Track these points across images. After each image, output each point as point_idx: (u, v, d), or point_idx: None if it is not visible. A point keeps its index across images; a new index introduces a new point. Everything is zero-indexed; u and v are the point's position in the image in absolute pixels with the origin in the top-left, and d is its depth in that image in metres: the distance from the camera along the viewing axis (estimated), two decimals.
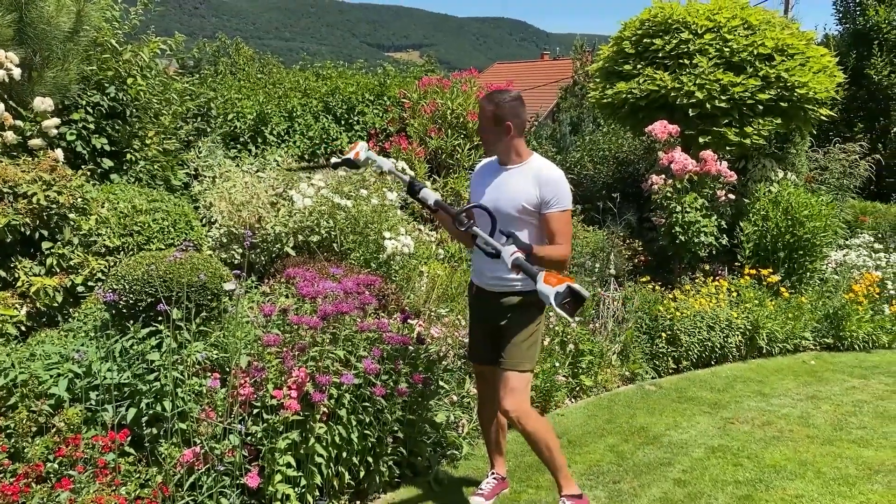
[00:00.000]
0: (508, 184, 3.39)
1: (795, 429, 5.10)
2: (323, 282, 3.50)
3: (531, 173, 3.35)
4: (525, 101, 3.58)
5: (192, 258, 3.35)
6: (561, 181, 3.34)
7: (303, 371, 3.23)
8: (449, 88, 8.12)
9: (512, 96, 3.41)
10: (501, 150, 3.41)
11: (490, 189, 3.44)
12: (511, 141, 3.38)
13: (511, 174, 3.40)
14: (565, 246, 3.33)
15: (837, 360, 7.05)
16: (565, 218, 3.34)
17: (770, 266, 7.24)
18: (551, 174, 3.34)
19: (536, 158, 3.45)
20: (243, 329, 3.37)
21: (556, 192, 3.30)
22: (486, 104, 3.39)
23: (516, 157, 3.42)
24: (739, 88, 7.03)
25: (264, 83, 8.83)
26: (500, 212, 3.32)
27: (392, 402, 3.76)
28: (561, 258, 3.30)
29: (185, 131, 6.51)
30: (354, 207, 5.84)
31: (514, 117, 3.35)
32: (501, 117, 3.34)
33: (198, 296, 3.27)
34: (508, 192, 3.36)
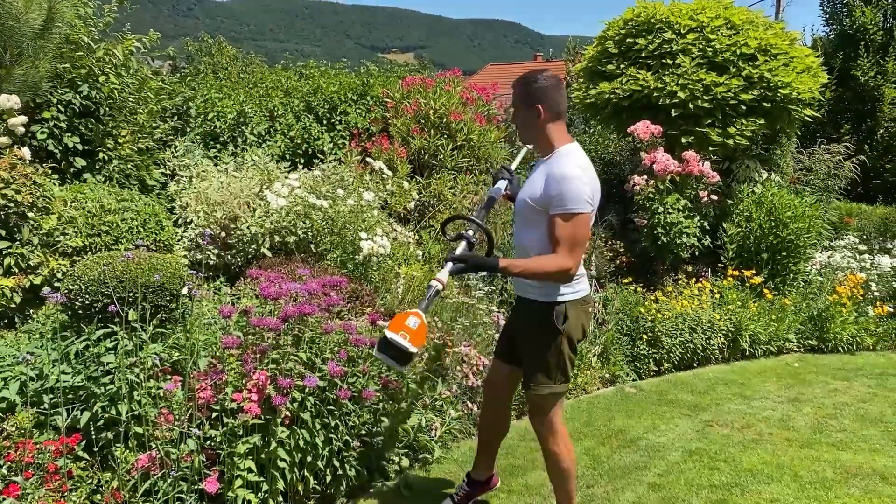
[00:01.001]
0: (532, 178, 3.06)
1: (775, 432, 5.05)
2: (287, 283, 3.42)
3: (550, 165, 2.97)
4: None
5: (152, 258, 3.27)
6: (569, 178, 2.86)
7: (263, 374, 3.16)
8: (432, 88, 8.05)
9: (546, 76, 3.01)
10: (535, 138, 3.04)
11: (524, 187, 3.13)
12: (543, 127, 2.99)
13: (540, 166, 3.05)
14: (560, 257, 2.87)
15: (821, 362, 7.00)
16: (568, 223, 2.86)
17: (753, 267, 7.19)
18: (562, 168, 2.89)
19: (567, 149, 3.00)
20: (204, 331, 3.29)
21: (560, 190, 2.85)
22: (517, 85, 3.04)
23: (548, 146, 3.03)
24: (722, 88, 6.99)
25: (246, 82, 8.75)
26: (520, 209, 3.10)
27: (360, 406, 3.70)
28: (549, 272, 2.90)
29: (162, 130, 6.43)
30: (332, 208, 5.77)
31: (547, 99, 2.97)
32: (531, 99, 2.97)
33: (156, 297, 3.19)
34: (527, 188, 3.05)
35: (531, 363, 3.13)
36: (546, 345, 3.06)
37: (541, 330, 3.06)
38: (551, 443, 3.18)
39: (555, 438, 3.17)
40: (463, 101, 8.08)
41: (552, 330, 3.04)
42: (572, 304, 3.06)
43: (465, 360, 4.68)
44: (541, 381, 3.10)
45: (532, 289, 3.09)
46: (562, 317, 3.03)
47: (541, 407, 3.17)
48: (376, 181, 6.34)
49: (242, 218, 5.84)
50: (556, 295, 3.04)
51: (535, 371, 3.10)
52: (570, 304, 3.05)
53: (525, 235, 3.10)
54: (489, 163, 7.96)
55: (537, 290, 3.06)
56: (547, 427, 3.17)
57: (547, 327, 3.04)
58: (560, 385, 3.12)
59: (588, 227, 2.96)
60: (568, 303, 3.04)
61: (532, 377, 3.12)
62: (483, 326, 5.06)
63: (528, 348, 3.15)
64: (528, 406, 3.26)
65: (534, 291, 3.08)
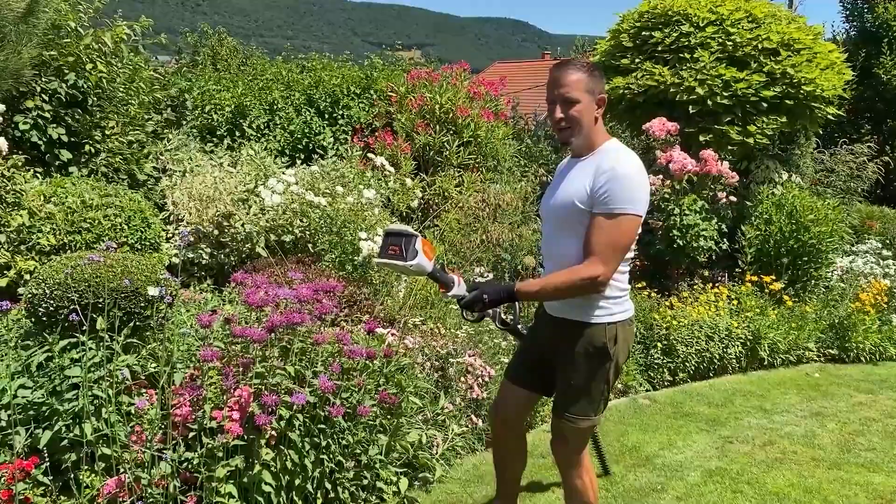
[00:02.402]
0: (570, 178, 2.69)
1: (799, 450, 4.72)
2: (276, 288, 3.11)
3: (596, 161, 2.61)
4: (524, 100, 3.09)
5: (125, 260, 2.97)
6: (622, 175, 2.51)
7: (246, 390, 2.85)
8: (438, 82, 7.74)
9: (593, 62, 2.70)
10: (584, 135, 2.64)
11: (557, 187, 2.75)
12: (598, 122, 2.67)
13: (580, 167, 2.68)
14: (590, 265, 2.53)
15: (843, 372, 6.67)
16: (611, 225, 2.50)
17: (773, 273, 6.86)
18: (614, 163, 2.54)
19: (616, 145, 2.69)
20: (184, 341, 2.99)
21: (609, 186, 2.49)
22: (572, 72, 2.59)
23: (591, 143, 2.67)
24: (743, 84, 6.65)
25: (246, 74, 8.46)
26: (556, 216, 2.73)
27: (354, 423, 3.39)
28: (574, 284, 2.55)
29: (155, 122, 6.13)
30: (330, 206, 5.46)
31: (604, 90, 2.66)
32: (598, 88, 2.62)
33: (128, 302, 2.89)
34: (566, 188, 2.67)
35: (572, 392, 2.74)
36: (593, 372, 2.70)
37: (589, 355, 2.69)
38: (575, 476, 2.85)
39: (579, 471, 2.85)
40: (470, 95, 7.77)
41: (603, 355, 2.68)
42: (622, 324, 2.71)
43: (469, 371, 4.38)
44: (582, 413, 2.74)
45: (576, 308, 2.69)
46: (613, 340, 2.67)
47: (573, 439, 2.82)
48: (378, 178, 6.03)
49: (236, 215, 5.54)
50: (606, 315, 2.67)
51: (577, 400, 2.74)
52: (620, 325, 2.70)
53: (562, 244, 2.70)
54: (497, 160, 7.65)
55: (582, 308, 2.67)
56: (575, 460, 2.85)
57: (597, 352, 2.68)
58: (600, 415, 2.80)
59: (634, 235, 2.59)
60: (619, 324, 2.69)
61: (571, 407, 2.75)
62: (489, 334, 4.75)
63: (569, 375, 2.74)
64: (553, 433, 2.88)
65: (579, 311, 2.69)
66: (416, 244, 2.60)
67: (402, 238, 2.60)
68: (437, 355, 4.33)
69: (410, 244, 2.60)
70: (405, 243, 2.59)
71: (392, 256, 2.60)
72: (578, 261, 2.59)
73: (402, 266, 2.59)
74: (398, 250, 2.59)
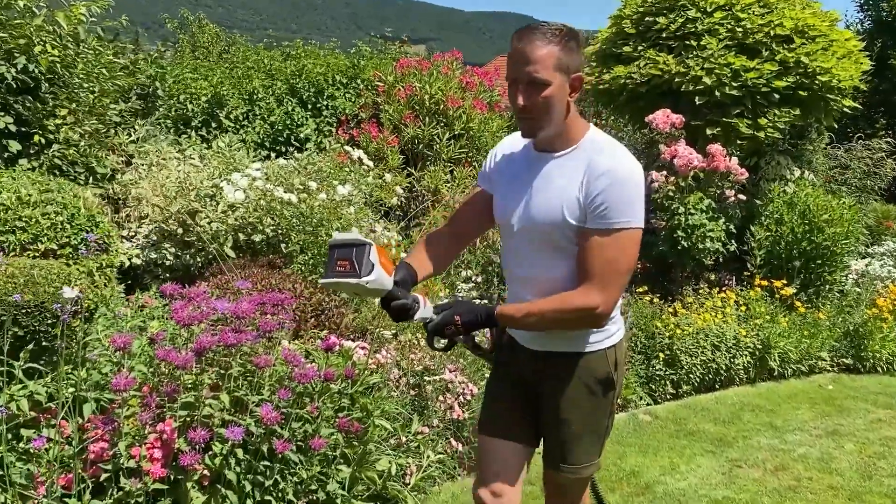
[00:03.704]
0: (550, 182, 2.08)
1: (815, 476, 4.27)
2: (214, 301, 2.66)
3: (584, 160, 2.04)
4: None
5: (34, 267, 2.52)
6: (626, 180, 1.98)
7: (168, 424, 2.41)
8: (428, 71, 7.28)
9: (568, 29, 2.01)
10: (556, 125, 2.04)
11: (526, 194, 2.13)
12: (572, 106, 2.07)
13: (558, 166, 2.09)
14: (586, 292, 1.99)
15: (858, 384, 6.21)
16: (610, 243, 1.97)
17: (784, 276, 6.39)
18: (613, 164, 1.99)
19: (602, 136, 2.11)
20: (94, 365, 2.54)
21: (611, 195, 1.96)
22: (540, 43, 1.95)
23: (570, 135, 2.08)
24: (753, 74, 6.17)
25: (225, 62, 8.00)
26: (534, 232, 2.11)
27: (309, 455, 2.95)
28: (566, 316, 2.03)
29: (119, 111, 5.67)
30: (304, 203, 5.02)
31: (581, 66, 2.05)
32: (574, 63, 2.00)
33: (31, 319, 2.44)
34: (548, 196, 2.06)
35: (572, 437, 2.20)
36: (596, 409, 2.19)
37: (591, 392, 2.17)
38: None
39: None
40: (462, 85, 7.30)
41: (606, 386, 2.18)
42: (620, 344, 2.24)
43: (448, 389, 3.93)
44: (586, 459, 2.22)
45: (564, 339, 2.16)
46: (615, 365, 2.20)
47: (574, 490, 2.31)
48: (358, 173, 5.58)
49: (202, 213, 5.10)
50: (605, 338, 2.18)
51: (584, 446, 2.20)
52: (619, 345, 2.23)
53: (548, 267, 2.12)
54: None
55: (574, 339, 2.16)
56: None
57: (600, 385, 2.18)
58: (601, 455, 2.28)
59: (637, 251, 2.05)
60: (618, 345, 2.22)
61: (571, 455, 2.21)
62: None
63: (567, 420, 2.19)
64: (547, 488, 2.36)
65: (569, 342, 2.17)
66: (369, 254, 1.97)
67: (351, 249, 1.97)
68: (412, 371, 3.89)
69: (363, 255, 1.97)
70: (356, 255, 1.96)
71: (341, 274, 1.97)
72: (573, 284, 2.04)
73: (355, 284, 1.96)
74: (348, 265, 1.96)
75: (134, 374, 2.48)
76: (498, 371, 2.40)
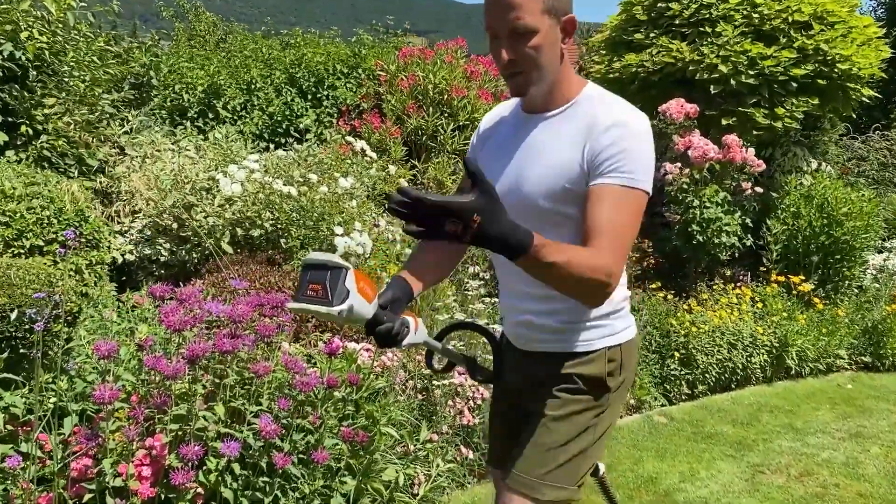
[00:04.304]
0: (545, 148, 1.75)
1: (842, 482, 4.07)
2: (208, 303, 2.45)
3: (582, 117, 1.71)
4: None
5: (10, 268, 2.30)
6: (641, 133, 1.67)
7: (158, 439, 2.19)
8: (432, 59, 7.04)
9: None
10: (548, 80, 1.72)
11: (514, 162, 1.80)
12: (566, 57, 1.75)
13: (552, 127, 1.76)
14: (606, 254, 1.57)
15: (878, 383, 6.01)
16: (627, 202, 1.62)
17: (800, 272, 6.18)
18: (625, 115, 1.68)
19: (594, 90, 1.78)
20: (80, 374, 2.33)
21: (629, 146, 1.64)
22: None
23: (564, 91, 1.76)
24: (770, 62, 5.94)
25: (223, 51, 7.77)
26: (527, 209, 1.73)
27: (311, 468, 2.74)
28: (586, 275, 1.53)
29: (111, 101, 5.44)
30: (304, 196, 4.79)
31: (571, 7, 1.72)
32: (556, 7, 1.67)
33: (6, 325, 2.23)
34: (542, 163, 1.74)
35: (539, 436, 1.80)
36: (576, 409, 1.80)
37: (573, 385, 1.80)
38: None
39: None
40: (467, 74, 7.07)
41: (594, 385, 1.80)
42: (629, 346, 1.87)
43: (458, 393, 3.72)
44: (549, 478, 1.76)
45: (558, 334, 1.81)
46: (618, 369, 1.83)
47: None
48: (360, 165, 5.36)
49: (198, 207, 4.88)
50: (607, 334, 1.82)
51: (545, 454, 1.77)
52: (626, 346, 1.86)
53: None
54: None
55: (569, 333, 1.81)
56: None
57: (587, 382, 1.80)
58: (577, 484, 1.81)
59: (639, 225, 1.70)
60: (625, 345, 1.85)
61: (530, 461, 1.78)
62: (483, 347, 4.08)
63: (538, 409, 1.82)
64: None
65: (563, 337, 1.81)
66: (345, 280, 1.58)
67: (326, 272, 1.58)
68: (420, 374, 3.68)
69: (338, 280, 1.58)
70: (331, 279, 1.58)
71: (312, 299, 1.59)
72: None
73: (325, 313, 1.58)
74: (320, 290, 1.58)
75: (120, 384, 2.27)
76: (495, 389, 2.10)
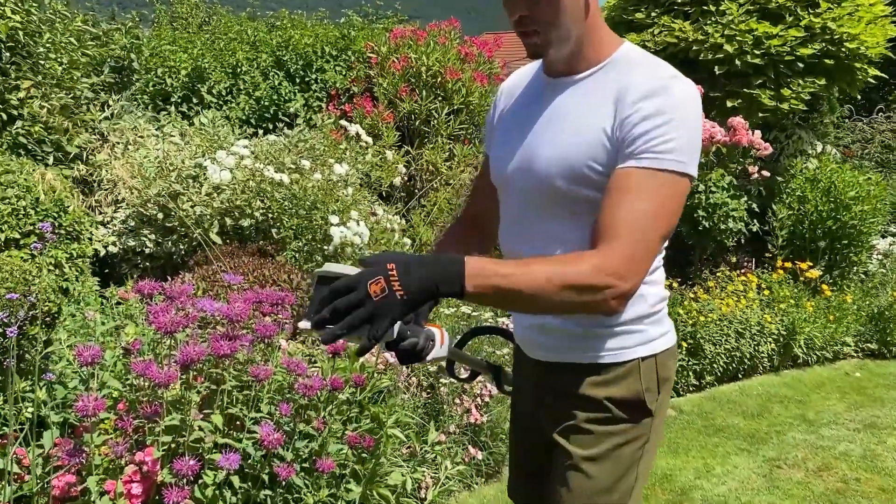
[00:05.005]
0: (567, 116, 1.44)
1: (863, 476, 3.92)
2: (202, 301, 2.23)
3: (614, 83, 1.40)
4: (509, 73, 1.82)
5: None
6: (686, 101, 1.35)
7: (149, 453, 1.97)
8: (424, 41, 6.80)
9: None
10: (571, 39, 1.41)
11: (530, 135, 1.48)
12: (592, 10, 1.43)
13: (578, 92, 1.45)
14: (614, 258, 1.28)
15: (885, 370, 5.88)
16: (656, 192, 1.31)
17: (807, 258, 6.02)
18: (665, 80, 1.37)
19: (632, 51, 1.47)
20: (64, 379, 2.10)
21: (663, 119, 1.31)
22: None
23: (593, 50, 1.44)
24: (777, 41, 5.75)
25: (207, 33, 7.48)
26: (542, 190, 1.45)
27: (315, 477, 2.53)
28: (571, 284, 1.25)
29: (91, 85, 5.17)
30: (297, 184, 4.56)
31: None
32: None
33: None
34: (563, 135, 1.42)
35: (579, 491, 1.48)
36: (615, 442, 1.48)
37: (609, 420, 1.48)
38: None
39: None
40: (461, 56, 6.83)
41: (634, 409, 1.49)
42: (667, 355, 1.54)
43: (465, 390, 3.52)
44: None
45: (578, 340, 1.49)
46: (655, 386, 1.51)
47: None
48: (355, 151, 5.12)
49: (184, 195, 4.63)
50: (639, 343, 1.49)
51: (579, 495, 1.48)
52: (663, 356, 1.52)
53: (564, 243, 1.45)
54: None
55: (593, 338, 1.48)
56: None
57: (623, 407, 1.48)
58: None
59: (679, 215, 1.38)
60: (660, 355, 1.52)
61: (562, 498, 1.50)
62: (489, 342, 3.88)
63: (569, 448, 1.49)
64: None
65: (584, 344, 1.49)
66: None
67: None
68: (425, 371, 3.47)
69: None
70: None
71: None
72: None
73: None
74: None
75: (106, 392, 2.04)
76: (513, 410, 1.78)
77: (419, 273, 1.17)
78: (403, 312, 1.17)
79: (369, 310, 1.14)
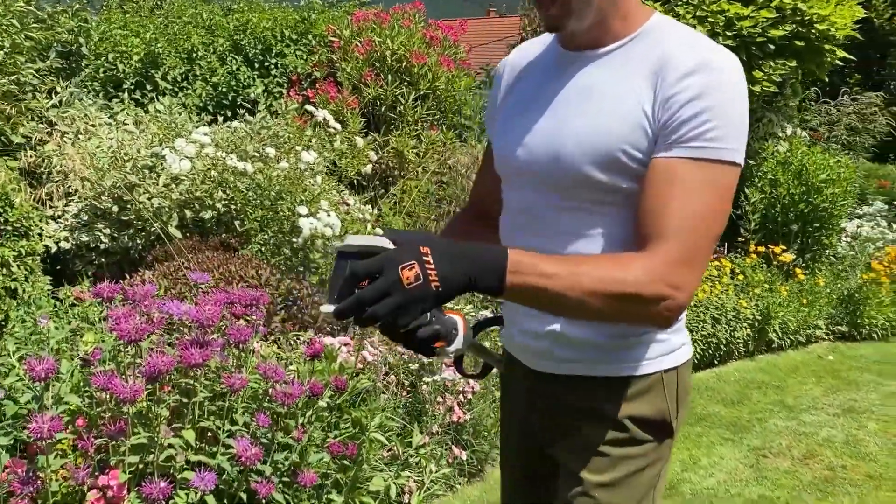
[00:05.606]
0: (594, 93, 1.23)
1: (848, 463, 3.88)
2: (169, 304, 2.02)
3: (650, 55, 1.19)
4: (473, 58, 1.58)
5: None
6: (732, 82, 1.15)
7: (114, 476, 1.77)
8: (388, 24, 6.58)
9: None
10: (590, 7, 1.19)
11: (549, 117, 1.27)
12: None
13: (605, 67, 1.24)
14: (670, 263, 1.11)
15: (857, 352, 5.90)
16: (711, 186, 1.13)
17: (779, 241, 5.99)
18: (707, 54, 1.16)
19: (666, 22, 1.25)
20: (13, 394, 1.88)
21: (708, 105, 1.12)
22: None
23: (620, 20, 1.23)
24: (748, 22, 5.67)
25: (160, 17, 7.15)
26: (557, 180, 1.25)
27: (294, 490, 2.35)
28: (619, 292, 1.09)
29: (36, 70, 4.86)
30: (261, 173, 4.33)
31: None
32: None
33: None
34: (591, 115, 1.21)
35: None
36: (643, 484, 1.31)
37: (633, 441, 1.31)
38: None
39: None
40: (426, 40, 6.63)
41: (657, 430, 1.32)
42: (687, 368, 1.38)
43: (447, 388, 3.36)
44: None
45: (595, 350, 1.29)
46: (675, 402, 1.33)
47: None
48: (321, 138, 4.90)
49: (140, 187, 4.37)
50: (663, 354, 1.32)
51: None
52: (682, 369, 1.35)
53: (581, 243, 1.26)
54: (460, 116, 6.56)
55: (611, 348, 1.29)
56: None
57: (645, 426, 1.31)
58: None
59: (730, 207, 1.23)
60: (681, 367, 1.35)
61: None
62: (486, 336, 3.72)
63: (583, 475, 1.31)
64: None
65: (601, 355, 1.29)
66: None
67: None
68: (406, 369, 3.30)
69: None
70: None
71: None
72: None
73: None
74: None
75: (63, 408, 1.83)
76: (502, 418, 1.58)
77: (458, 263, 1.02)
78: (434, 306, 1.03)
79: (398, 300, 0.97)
